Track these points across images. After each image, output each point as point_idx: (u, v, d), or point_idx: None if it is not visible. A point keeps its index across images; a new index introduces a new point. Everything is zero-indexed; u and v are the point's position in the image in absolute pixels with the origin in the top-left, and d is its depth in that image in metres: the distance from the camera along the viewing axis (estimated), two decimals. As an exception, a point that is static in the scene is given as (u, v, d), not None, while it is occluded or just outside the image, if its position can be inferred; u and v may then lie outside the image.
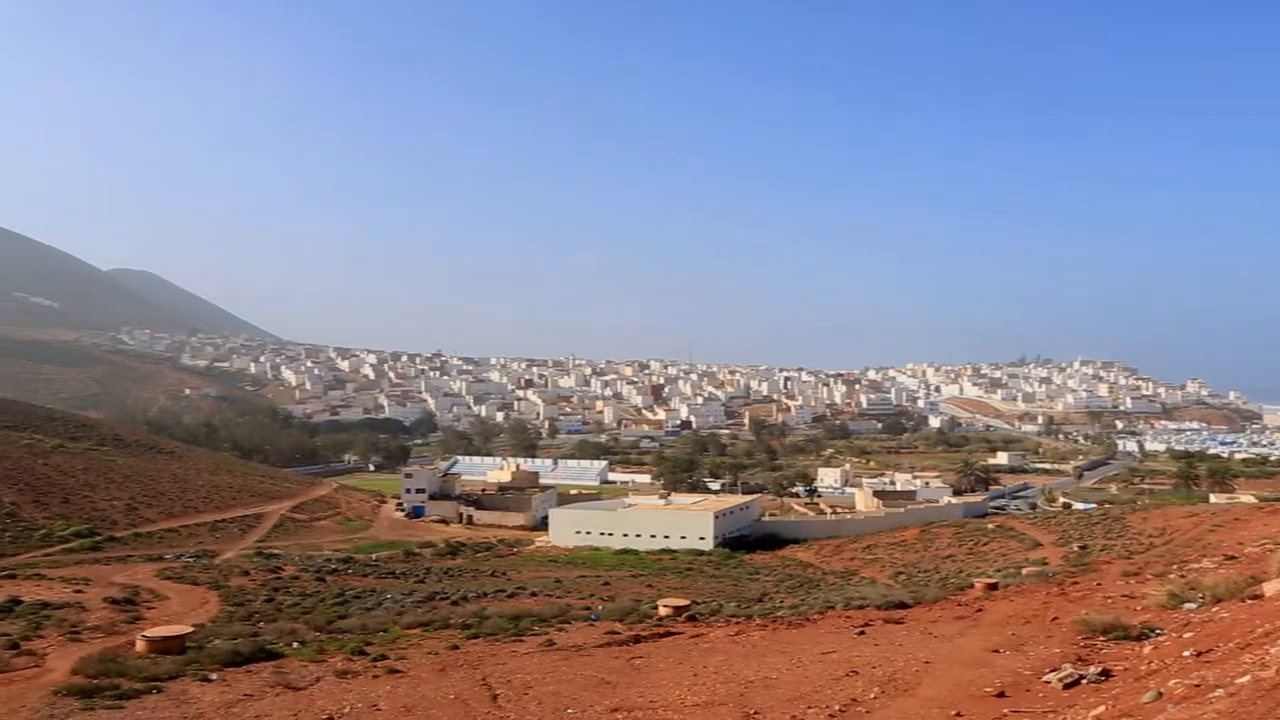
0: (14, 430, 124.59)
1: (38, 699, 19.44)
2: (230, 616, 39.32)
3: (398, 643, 26.89)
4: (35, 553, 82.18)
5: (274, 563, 71.31)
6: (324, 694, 19.35)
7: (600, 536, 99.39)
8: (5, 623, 37.11)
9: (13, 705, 19.01)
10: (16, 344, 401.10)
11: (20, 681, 22.50)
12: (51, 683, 21.44)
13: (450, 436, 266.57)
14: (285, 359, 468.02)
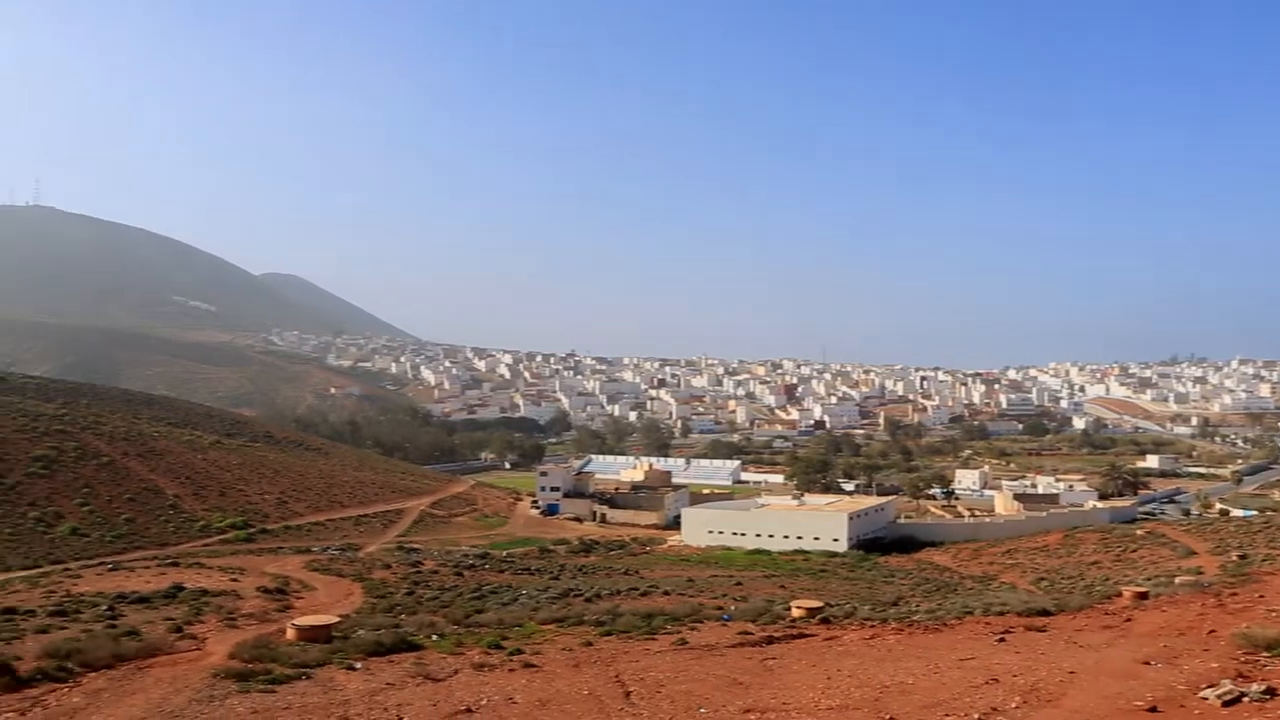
0: (176, 427, 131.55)
1: (199, 680, 20.46)
2: (373, 608, 40.61)
3: (533, 638, 27.31)
4: (195, 542, 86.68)
5: (414, 557, 73.46)
6: (462, 686, 19.78)
7: (733, 536, 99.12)
8: (170, 608, 39.27)
9: (178, 685, 20.07)
10: (177, 345, 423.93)
11: (184, 663, 23.74)
12: (211, 665, 22.54)
13: (584, 435, 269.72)
14: (424, 359, 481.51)
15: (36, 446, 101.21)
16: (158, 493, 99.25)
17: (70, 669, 22.02)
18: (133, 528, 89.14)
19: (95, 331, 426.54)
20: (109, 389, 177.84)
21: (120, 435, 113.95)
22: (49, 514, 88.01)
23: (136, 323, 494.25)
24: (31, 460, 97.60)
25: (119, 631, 29.88)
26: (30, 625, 33.62)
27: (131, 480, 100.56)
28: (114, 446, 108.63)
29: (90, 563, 70.57)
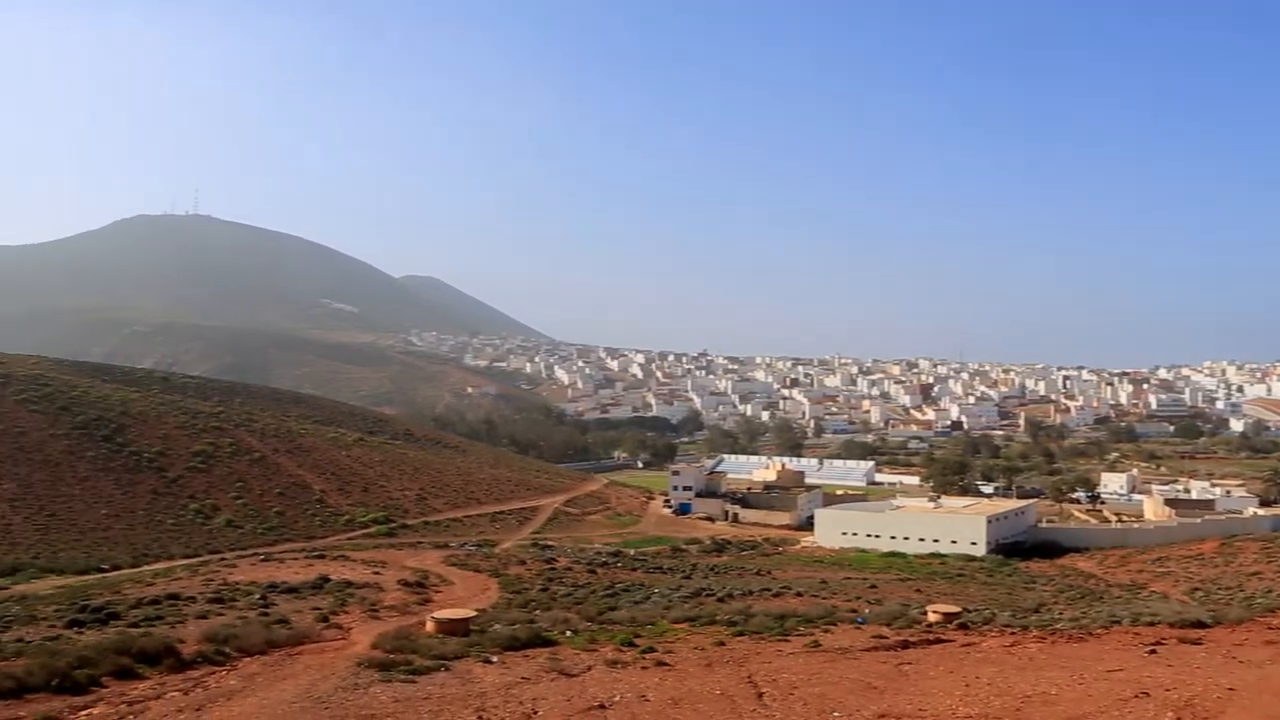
0: (322, 425, 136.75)
1: (344, 668, 21.27)
2: (509, 603, 41.39)
3: (665, 636, 27.44)
4: (340, 536, 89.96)
5: (549, 554, 74.54)
6: (595, 682, 20.02)
7: (867, 538, 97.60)
8: (317, 598, 40.87)
9: (324, 672, 20.91)
10: (323, 346, 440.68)
11: (330, 652, 24.72)
12: (355, 655, 23.38)
13: (716, 435, 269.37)
14: (558, 359, 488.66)
15: (196, 443, 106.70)
16: (305, 488, 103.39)
17: (227, 653, 23.18)
18: (282, 521, 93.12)
19: (249, 333, 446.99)
20: (261, 388, 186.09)
21: (271, 432, 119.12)
22: (207, 506, 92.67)
23: (286, 325, 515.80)
24: (191, 455, 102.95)
25: (271, 619, 31.28)
26: (191, 611, 35.49)
27: (281, 475, 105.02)
28: (265, 443, 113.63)
29: (244, 553, 73.97)
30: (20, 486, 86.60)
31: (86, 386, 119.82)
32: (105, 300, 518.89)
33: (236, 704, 17.89)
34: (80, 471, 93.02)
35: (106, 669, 20.10)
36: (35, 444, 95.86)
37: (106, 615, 34.02)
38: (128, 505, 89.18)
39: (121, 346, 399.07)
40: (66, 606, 37.87)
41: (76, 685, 18.80)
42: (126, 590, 46.10)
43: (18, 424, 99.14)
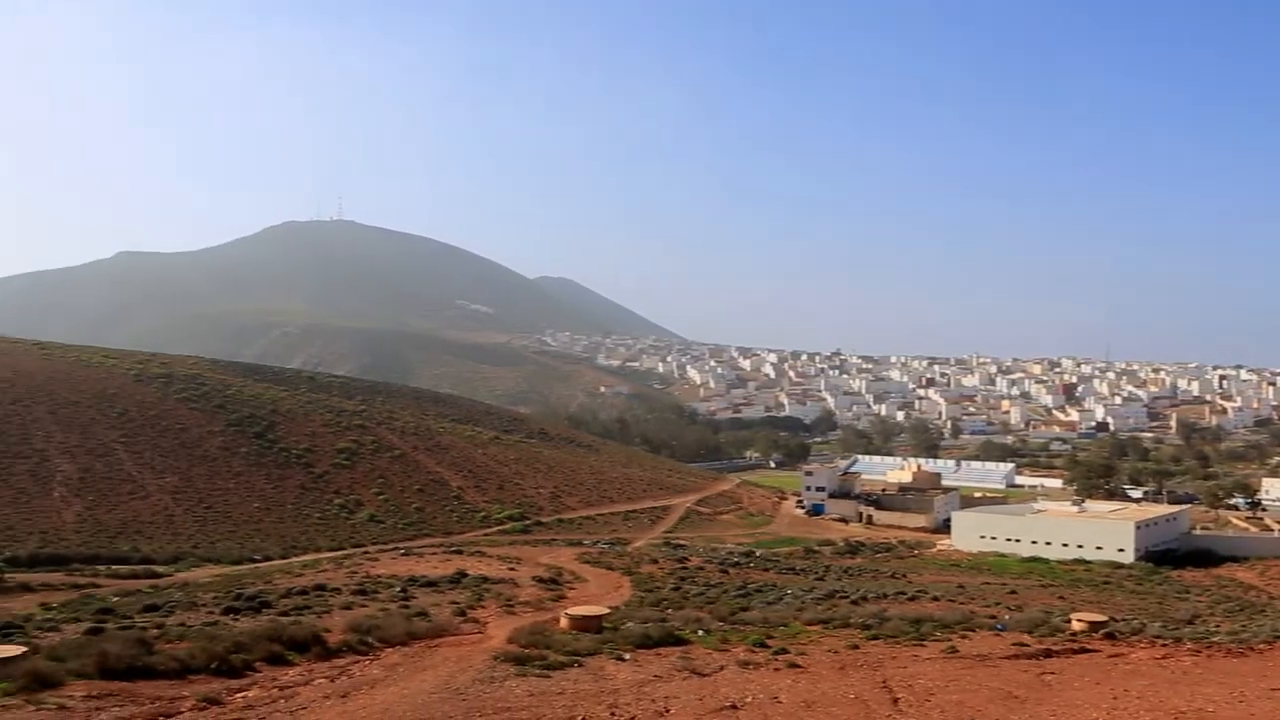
0: (459, 423, 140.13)
1: (481, 661, 21.76)
2: (641, 601, 41.63)
3: (798, 638, 27.21)
4: (476, 532, 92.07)
5: (681, 553, 74.74)
6: (727, 682, 19.98)
7: (1006, 542, 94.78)
8: (454, 592, 41.94)
9: (462, 665, 21.44)
10: (460, 346, 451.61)
11: (467, 645, 25.33)
12: (491, 649, 23.89)
13: (850, 435, 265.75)
14: (690, 358, 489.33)
15: (340, 440, 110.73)
16: (443, 484, 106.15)
17: (370, 643, 23.99)
18: (421, 516, 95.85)
19: (390, 334, 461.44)
20: (401, 387, 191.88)
21: (411, 431, 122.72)
22: (350, 501, 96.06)
23: (425, 326, 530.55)
24: (336, 452, 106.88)
25: (411, 612, 32.22)
26: (337, 602, 36.88)
27: (421, 473, 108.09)
28: (405, 441, 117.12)
29: (385, 547, 76.51)
30: (182, 480, 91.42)
31: (240, 386, 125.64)
32: (256, 303, 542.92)
33: (379, 693, 18.49)
34: (235, 467, 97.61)
35: (259, 654, 21.06)
36: (194, 440, 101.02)
37: (259, 604, 35.63)
38: (278, 499, 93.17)
39: (271, 347, 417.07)
40: (223, 594, 39.82)
41: (233, 669, 19.75)
42: (277, 580, 48.20)
43: (179, 421, 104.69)
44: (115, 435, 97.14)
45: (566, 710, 17.14)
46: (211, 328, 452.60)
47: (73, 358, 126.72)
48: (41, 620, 32.43)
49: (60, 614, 34.92)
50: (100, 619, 31.48)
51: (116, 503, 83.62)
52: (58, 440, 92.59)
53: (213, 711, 16.45)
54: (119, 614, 33.69)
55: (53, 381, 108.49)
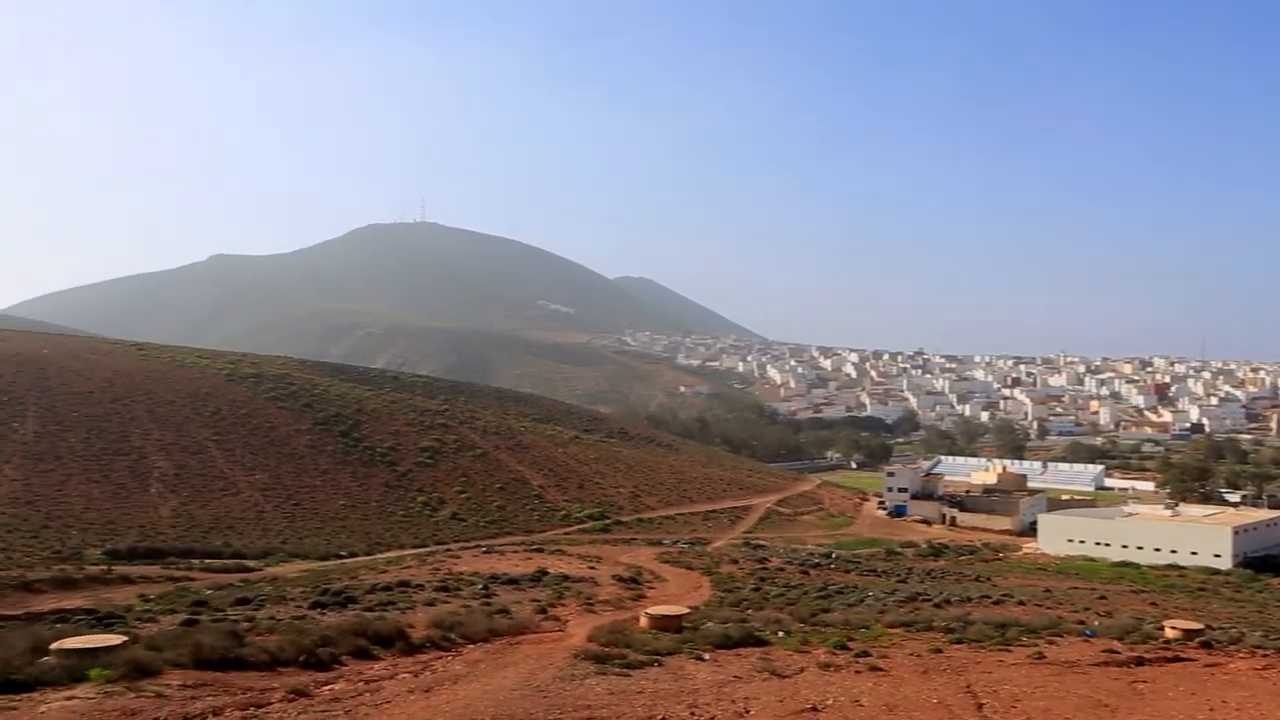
0: (540, 423, 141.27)
1: (561, 659, 21.91)
2: (721, 601, 41.53)
3: (879, 641, 26.89)
4: (557, 530, 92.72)
5: (761, 553, 74.43)
6: (808, 684, 19.84)
7: (1095, 546, 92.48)
8: (535, 590, 42.31)
9: (543, 662, 21.62)
10: (541, 346, 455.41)
11: (548, 642, 25.53)
12: (572, 647, 24.04)
13: (932, 436, 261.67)
14: (770, 358, 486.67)
15: (423, 439, 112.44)
16: (524, 483, 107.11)
17: (453, 639, 24.33)
18: (503, 514, 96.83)
19: (472, 334, 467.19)
20: (483, 387, 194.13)
21: (492, 430, 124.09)
22: (433, 499, 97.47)
23: (506, 326, 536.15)
24: (419, 451, 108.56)
25: (493, 609, 32.60)
26: (420, 598, 37.48)
27: (502, 471, 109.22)
28: (487, 440, 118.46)
29: (468, 545, 77.51)
30: (271, 477, 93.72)
31: (326, 385, 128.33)
32: (342, 304, 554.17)
33: (461, 688, 18.73)
34: (321, 464, 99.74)
35: (345, 648, 21.51)
36: (283, 438, 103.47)
37: (345, 599, 36.38)
38: (362, 497, 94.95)
39: (356, 347, 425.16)
40: (311, 589, 40.73)
41: (320, 662, 20.19)
42: (362, 576, 49.14)
43: (268, 420, 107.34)
44: (208, 433, 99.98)
45: (646, 709, 17.18)
46: (300, 328, 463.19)
47: (169, 358, 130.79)
48: (140, 611, 33.58)
49: (157, 605, 36.11)
50: (195, 611, 32.47)
51: (209, 499, 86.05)
52: (155, 438, 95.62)
53: (301, 703, 16.83)
54: (212, 606, 34.72)
55: (150, 381, 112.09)
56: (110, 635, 21.11)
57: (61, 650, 18.41)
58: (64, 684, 16.67)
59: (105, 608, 35.38)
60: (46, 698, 15.84)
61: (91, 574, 50.12)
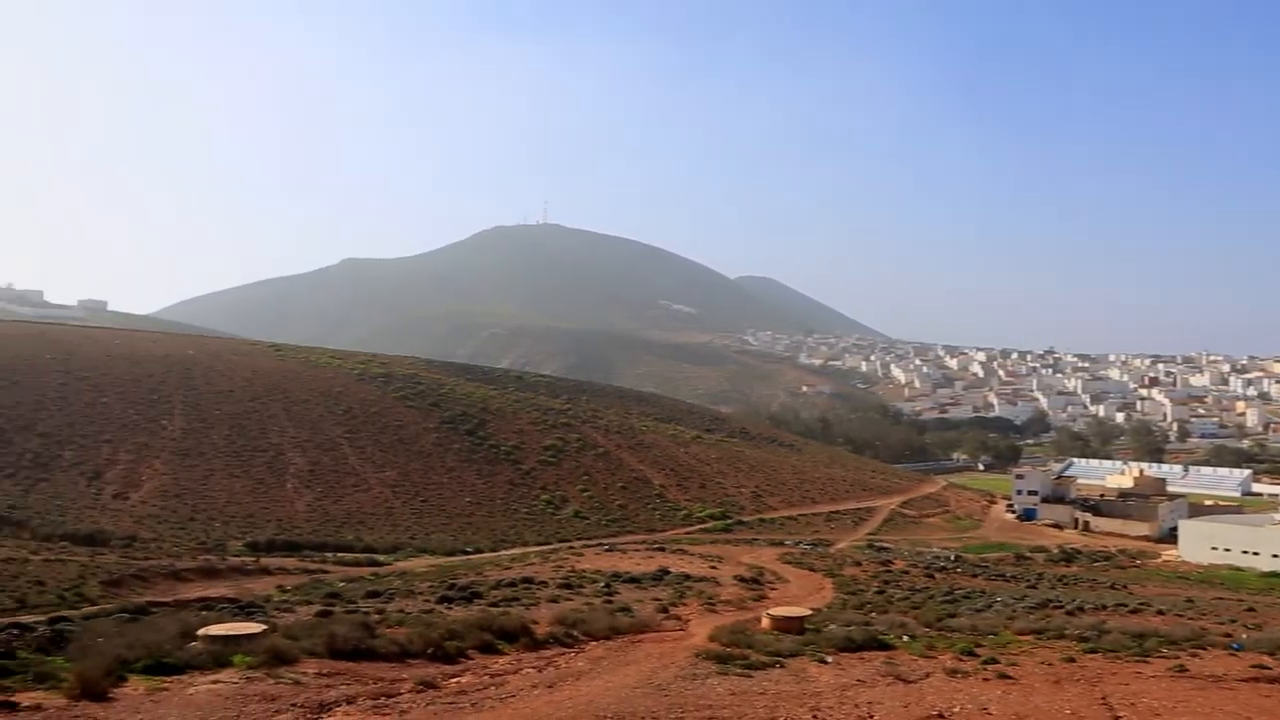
0: (662, 422, 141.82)
1: (683, 658, 21.97)
2: (844, 604, 41.02)
3: (1008, 648, 26.17)
4: (678, 530, 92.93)
5: (885, 555, 73.26)
6: (933, 690, 19.43)
7: (1241, 555, 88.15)
8: (657, 589, 42.45)
9: (664, 661, 21.71)
10: (663, 346, 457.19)
11: (669, 641, 25.62)
12: (693, 646, 24.08)
13: (1064, 437, 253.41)
14: (894, 357, 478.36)
15: (547, 438, 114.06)
16: (646, 482, 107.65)
17: (576, 636, 24.63)
18: (625, 513, 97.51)
19: (594, 334, 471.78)
20: (605, 386, 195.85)
21: (614, 429, 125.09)
22: (557, 498, 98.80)
23: (629, 326, 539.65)
24: (543, 450, 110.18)
25: (615, 607, 32.85)
26: (543, 595, 38.03)
27: (624, 470, 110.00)
28: (609, 439, 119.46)
29: (590, 542, 78.31)
30: (400, 474, 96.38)
31: (453, 385, 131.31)
32: (468, 305, 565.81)
33: (584, 685, 18.94)
34: (448, 462, 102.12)
35: (472, 642, 22.00)
36: (412, 436, 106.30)
37: (471, 594, 37.16)
38: (488, 494, 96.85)
39: (482, 348, 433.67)
40: (438, 584, 41.76)
41: (447, 655, 20.70)
42: (487, 572, 50.13)
43: (397, 418, 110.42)
44: (340, 431, 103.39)
45: (768, 711, 17.08)
46: (427, 329, 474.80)
47: (303, 358, 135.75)
48: (278, 601, 34.96)
49: (294, 596, 37.53)
50: (329, 603, 33.64)
51: (342, 494, 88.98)
52: (290, 435, 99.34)
53: (429, 694, 17.27)
54: (345, 598, 35.91)
55: (286, 381, 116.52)
56: (251, 624, 22.06)
57: (207, 636, 19.33)
58: (210, 668, 17.49)
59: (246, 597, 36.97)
60: (194, 681, 16.63)
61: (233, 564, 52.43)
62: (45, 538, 60.46)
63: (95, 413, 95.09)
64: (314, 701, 15.96)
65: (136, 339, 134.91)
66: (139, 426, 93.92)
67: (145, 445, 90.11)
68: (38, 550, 53.10)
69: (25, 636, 20.64)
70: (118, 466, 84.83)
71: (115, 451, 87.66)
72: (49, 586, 40.08)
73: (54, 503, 74.52)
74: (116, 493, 79.71)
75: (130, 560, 51.51)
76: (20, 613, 31.59)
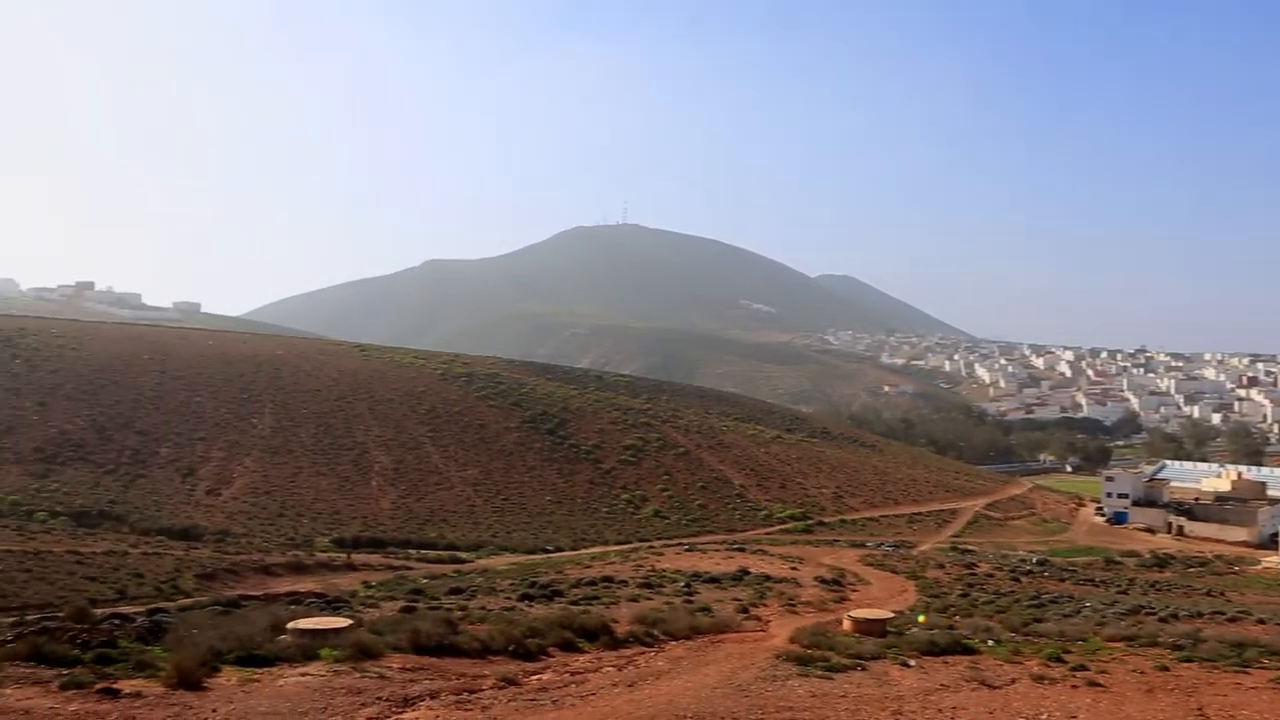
0: (742, 422, 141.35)
1: (763, 660, 21.86)
2: (927, 607, 40.44)
3: (1098, 655, 25.52)
4: (758, 530, 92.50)
5: (969, 558, 72.01)
6: (1019, 696, 19.04)
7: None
8: (737, 589, 42.31)
9: (745, 662, 21.63)
10: (743, 346, 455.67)
11: (749, 642, 25.52)
12: (773, 647, 23.94)
13: (1156, 439, 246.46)
14: (978, 357, 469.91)
15: (627, 437, 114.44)
16: (726, 482, 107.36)
17: (656, 636, 24.65)
18: (704, 513, 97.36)
19: (675, 334, 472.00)
20: (685, 386, 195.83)
21: (695, 429, 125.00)
22: (637, 497, 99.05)
23: (709, 326, 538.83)
24: (623, 449, 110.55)
25: (695, 607, 32.82)
26: (623, 594, 38.15)
27: (704, 470, 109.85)
28: (689, 439, 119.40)
29: (670, 542, 78.36)
30: (482, 473, 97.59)
31: (534, 384, 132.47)
32: (548, 305, 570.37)
33: (664, 684, 18.96)
34: (529, 461, 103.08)
35: (552, 640, 22.16)
36: (493, 435, 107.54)
37: (551, 592, 37.45)
38: (568, 493, 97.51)
39: (562, 348, 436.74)
40: (519, 582, 42.18)
41: (528, 652, 20.88)
42: (568, 571, 50.49)
43: (479, 417, 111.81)
44: (424, 430, 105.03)
45: (850, 714, 16.92)
46: (508, 329, 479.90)
47: (387, 358, 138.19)
48: (364, 597, 35.67)
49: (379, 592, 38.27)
50: (412, 599, 34.21)
51: (425, 492, 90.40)
52: (375, 434, 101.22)
53: (511, 690, 17.45)
54: (428, 595, 36.48)
55: (371, 380, 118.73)
56: (338, 618, 22.52)
57: (296, 630, 19.80)
58: (298, 661, 17.90)
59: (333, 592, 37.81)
60: (284, 672, 17.04)
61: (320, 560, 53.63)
62: (143, 532, 62.71)
63: (189, 411, 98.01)
64: (398, 695, 16.24)
65: (228, 339, 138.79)
66: (230, 425, 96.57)
67: (236, 443, 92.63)
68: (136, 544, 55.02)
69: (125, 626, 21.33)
70: (210, 464, 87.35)
71: (208, 449, 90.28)
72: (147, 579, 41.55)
73: (151, 498, 77.07)
74: (209, 489, 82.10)
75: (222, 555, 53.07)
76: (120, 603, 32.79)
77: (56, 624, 20.35)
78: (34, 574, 40.93)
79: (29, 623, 21.38)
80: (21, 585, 38.48)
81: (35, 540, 51.30)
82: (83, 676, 15.36)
